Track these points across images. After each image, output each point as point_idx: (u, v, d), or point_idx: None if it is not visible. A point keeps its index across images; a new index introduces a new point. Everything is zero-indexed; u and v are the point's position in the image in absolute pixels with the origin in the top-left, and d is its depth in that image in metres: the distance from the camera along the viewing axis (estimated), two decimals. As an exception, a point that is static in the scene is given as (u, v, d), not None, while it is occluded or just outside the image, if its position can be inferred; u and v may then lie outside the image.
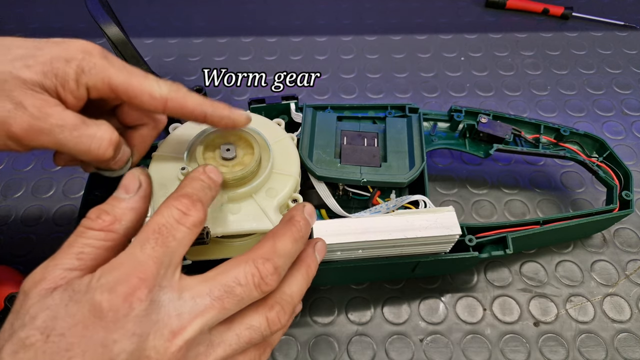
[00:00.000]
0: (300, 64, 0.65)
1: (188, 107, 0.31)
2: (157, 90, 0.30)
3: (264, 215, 0.34)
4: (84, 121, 0.29)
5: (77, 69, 0.29)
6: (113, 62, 0.30)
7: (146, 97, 0.30)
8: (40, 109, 0.28)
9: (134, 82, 0.30)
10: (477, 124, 0.47)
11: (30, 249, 0.47)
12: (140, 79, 0.30)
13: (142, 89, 0.30)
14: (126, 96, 0.30)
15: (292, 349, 0.41)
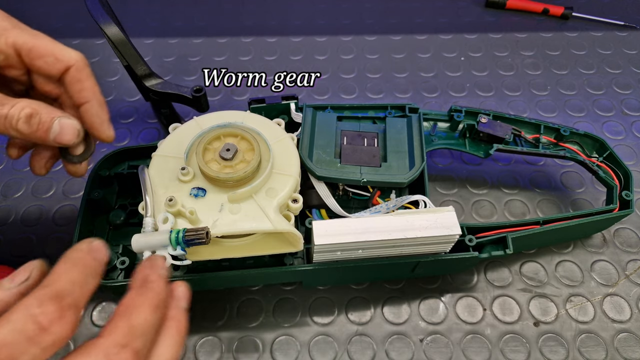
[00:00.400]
0: (300, 64, 0.65)
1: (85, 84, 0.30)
2: (64, 54, 0.29)
3: (264, 215, 0.34)
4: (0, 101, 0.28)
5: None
6: (17, 24, 0.29)
7: (50, 58, 0.29)
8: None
9: (40, 43, 0.29)
10: (477, 124, 0.47)
11: (30, 249, 0.47)
12: (47, 41, 0.29)
13: (47, 50, 0.29)
14: (29, 57, 0.29)
15: (292, 349, 0.41)
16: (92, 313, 0.43)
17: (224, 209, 0.34)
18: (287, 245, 0.37)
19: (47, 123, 0.30)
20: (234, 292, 0.44)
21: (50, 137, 0.30)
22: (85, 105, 0.32)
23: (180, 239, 0.31)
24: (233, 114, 0.41)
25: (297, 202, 0.37)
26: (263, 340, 0.42)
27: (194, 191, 0.35)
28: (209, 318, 0.43)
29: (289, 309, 0.43)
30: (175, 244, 0.31)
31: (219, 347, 0.41)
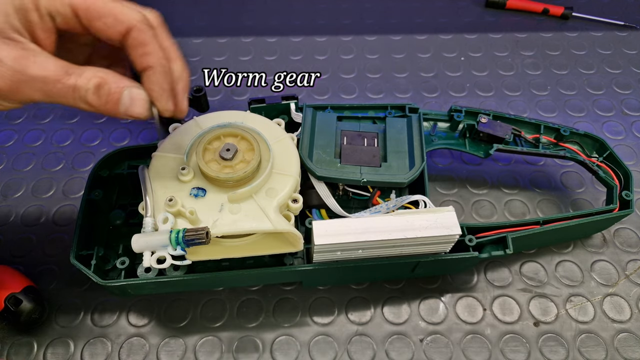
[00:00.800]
0: (300, 64, 0.65)
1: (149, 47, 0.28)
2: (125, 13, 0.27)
3: (264, 215, 0.34)
4: (67, 70, 0.27)
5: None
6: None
7: (109, 19, 0.27)
8: (19, 60, 0.25)
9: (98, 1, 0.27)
10: (477, 124, 0.47)
11: (30, 249, 0.47)
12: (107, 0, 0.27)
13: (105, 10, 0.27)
14: (86, 18, 0.27)
15: (292, 349, 0.41)
16: (92, 315, 0.43)
17: (224, 209, 0.34)
18: (287, 245, 0.37)
19: (117, 94, 0.28)
20: (234, 292, 0.44)
21: (120, 110, 0.28)
22: (146, 71, 0.29)
23: (180, 239, 0.31)
24: (233, 114, 0.41)
25: (297, 202, 0.37)
26: (263, 340, 0.42)
27: (194, 191, 0.35)
28: (209, 318, 0.43)
29: (289, 309, 0.43)
30: (175, 244, 0.31)
31: (219, 347, 0.41)
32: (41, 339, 0.42)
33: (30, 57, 0.26)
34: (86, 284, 0.44)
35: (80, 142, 0.56)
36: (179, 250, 0.31)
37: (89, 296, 0.44)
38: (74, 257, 0.38)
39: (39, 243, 0.47)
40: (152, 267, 0.32)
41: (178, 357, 0.41)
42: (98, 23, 0.27)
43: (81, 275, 0.38)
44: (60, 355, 0.41)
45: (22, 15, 0.26)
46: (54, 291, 0.44)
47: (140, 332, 0.42)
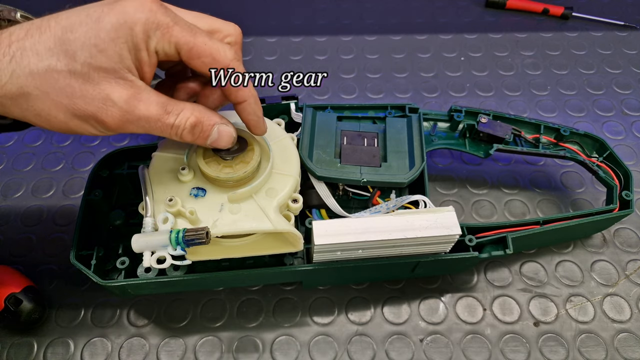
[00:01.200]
0: (300, 64, 0.65)
1: None
2: (221, 53, 0.29)
3: (264, 215, 0.34)
4: (166, 109, 0.29)
5: (143, 36, 0.27)
6: (176, 19, 0.28)
7: (208, 59, 0.29)
8: (128, 101, 0.28)
9: (199, 42, 0.29)
10: (477, 124, 0.47)
11: (30, 249, 0.47)
12: (205, 38, 0.29)
13: (205, 50, 0.29)
14: (187, 57, 0.29)
15: (292, 349, 0.41)
16: (92, 315, 0.43)
17: (224, 209, 0.34)
18: (287, 245, 0.37)
19: (208, 131, 0.31)
20: (234, 292, 0.44)
21: (207, 143, 0.32)
22: (242, 104, 0.32)
23: (180, 239, 0.31)
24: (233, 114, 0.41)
25: (297, 202, 0.37)
26: (263, 340, 0.42)
27: (194, 191, 0.35)
28: (209, 318, 0.43)
29: (289, 309, 0.43)
30: (175, 244, 0.31)
31: (219, 347, 0.41)
32: (41, 339, 0.42)
33: (138, 96, 0.28)
34: (86, 284, 0.44)
35: (80, 142, 0.56)
36: (179, 250, 0.31)
37: (89, 296, 0.44)
38: (74, 257, 0.38)
39: (39, 243, 0.47)
40: (152, 267, 0.32)
41: (178, 357, 0.41)
42: (197, 61, 0.29)
43: (81, 275, 0.38)
44: (60, 355, 0.41)
45: (134, 55, 0.28)
46: (54, 291, 0.44)
47: (140, 332, 0.42)
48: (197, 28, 0.29)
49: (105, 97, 0.27)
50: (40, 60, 0.26)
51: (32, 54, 0.26)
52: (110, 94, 0.27)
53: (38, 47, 0.26)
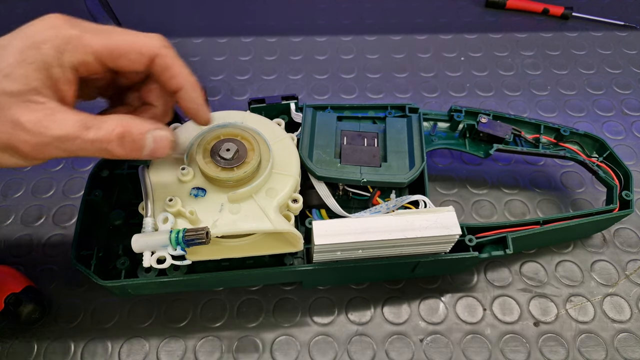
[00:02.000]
0: (300, 64, 0.65)
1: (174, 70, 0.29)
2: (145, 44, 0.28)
3: (264, 215, 0.34)
4: (86, 124, 0.27)
5: (54, 53, 0.26)
6: (85, 27, 0.27)
7: (133, 54, 0.28)
8: (38, 123, 0.26)
9: (116, 41, 0.27)
10: (477, 124, 0.47)
11: (30, 249, 0.47)
12: (123, 36, 0.28)
13: (127, 46, 0.27)
14: (111, 60, 0.28)
15: (292, 349, 0.41)
16: (92, 315, 0.43)
17: (224, 209, 0.34)
18: (287, 245, 0.37)
19: (140, 140, 0.28)
20: (234, 292, 0.44)
21: (143, 154, 0.29)
22: (179, 92, 0.30)
23: (180, 239, 0.31)
24: (233, 114, 0.41)
25: (297, 202, 0.37)
26: (263, 340, 0.42)
27: (194, 191, 0.35)
28: (209, 318, 0.43)
29: (289, 309, 0.43)
30: (175, 244, 0.31)
31: (219, 347, 0.41)
32: (41, 339, 0.42)
33: (50, 117, 0.26)
34: (86, 284, 0.44)
35: (80, 142, 0.56)
36: (179, 250, 0.31)
37: (89, 296, 0.44)
38: (74, 258, 0.38)
39: (39, 243, 0.47)
40: (152, 267, 0.32)
41: (178, 357, 0.41)
42: (123, 61, 0.28)
43: (81, 275, 0.38)
44: (60, 355, 0.41)
45: (43, 74, 0.26)
46: (54, 291, 0.44)
47: (140, 332, 0.42)
48: (111, 29, 0.28)
49: (15, 121, 0.26)
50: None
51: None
52: (19, 118, 0.26)
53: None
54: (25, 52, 0.26)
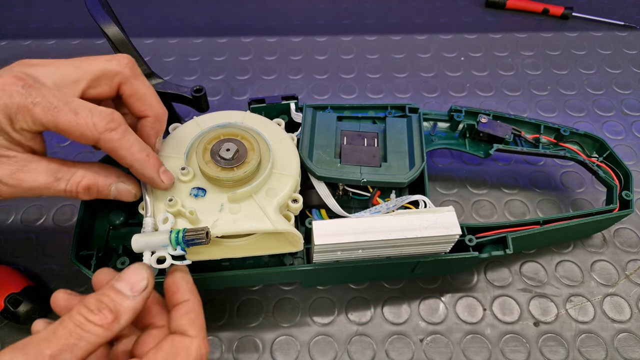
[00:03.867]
0: (300, 64, 0.65)
1: (119, 152, 0.31)
2: (89, 129, 0.29)
3: (264, 215, 0.34)
4: (56, 175, 0.30)
5: (6, 120, 0.28)
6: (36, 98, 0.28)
7: (77, 135, 0.29)
8: (13, 175, 0.29)
9: (62, 121, 0.28)
10: (477, 124, 0.47)
11: (30, 249, 0.47)
12: (69, 116, 0.28)
13: (70, 127, 0.29)
14: (58, 132, 0.29)
15: (292, 349, 0.41)
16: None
17: (224, 209, 0.34)
18: (287, 245, 0.37)
19: (105, 191, 0.33)
20: (234, 292, 0.44)
21: (111, 197, 0.33)
22: (130, 169, 0.32)
23: (181, 239, 0.31)
24: (233, 114, 0.41)
25: (297, 202, 0.37)
26: (263, 340, 0.42)
27: (194, 191, 0.35)
28: (209, 318, 0.42)
29: (289, 309, 0.43)
30: (175, 244, 0.31)
31: (219, 347, 0.41)
32: (41, 339, 0.41)
33: (23, 168, 0.29)
34: (86, 284, 0.44)
35: (80, 142, 0.56)
36: (179, 250, 0.31)
37: (89, 296, 0.44)
38: (74, 257, 0.37)
39: (39, 243, 0.47)
40: (152, 267, 0.32)
41: (178, 357, 0.41)
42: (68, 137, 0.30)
43: (81, 275, 0.38)
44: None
45: (3, 136, 0.29)
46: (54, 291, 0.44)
47: (140, 332, 0.42)
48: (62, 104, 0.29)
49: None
50: None
51: None
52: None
53: None
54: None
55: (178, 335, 0.28)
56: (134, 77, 0.33)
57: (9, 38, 0.67)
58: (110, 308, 0.26)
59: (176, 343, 0.27)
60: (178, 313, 0.29)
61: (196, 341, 0.28)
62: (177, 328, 0.28)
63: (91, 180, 0.31)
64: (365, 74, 0.64)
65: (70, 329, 0.24)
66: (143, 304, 0.27)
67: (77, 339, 0.24)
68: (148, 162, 0.32)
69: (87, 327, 0.25)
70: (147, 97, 0.34)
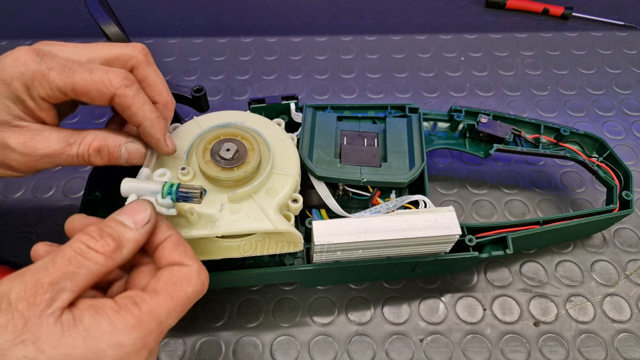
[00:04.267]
0: (300, 64, 0.65)
1: (132, 109, 0.31)
2: (105, 83, 0.29)
3: (264, 215, 0.34)
4: (68, 141, 0.31)
5: (22, 88, 0.29)
6: (50, 64, 0.29)
7: (93, 93, 0.29)
8: (26, 144, 0.30)
9: (78, 81, 0.29)
10: (477, 124, 0.47)
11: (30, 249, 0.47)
12: (84, 74, 0.29)
13: (87, 85, 0.29)
14: (74, 95, 0.30)
15: (292, 349, 0.41)
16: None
17: (224, 209, 0.34)
18: (287, 245, 0.37)
19: (116, 152, 0.32)
20: (234, 292, 0.44)
21: (121, 162, 0.33)
22: (139, 128, 0.32)
23: (174, 190, 0.30)
24: (233, 114, 0.41)
25: (297, 202, 0.37)
26: (263, 340, 0.42)
27: (194, 191, 0.35)
28: (209, 318, 0.43)
29: (289, 309, 0.43)
30: (167, 193, 0.30)
31: (219, 347, 0.41)
32: (41, 339, 0.41)
33: (36, 137, 0.30)
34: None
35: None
36: (167, 200, 0.30)
37: (89, 296, 0.44)
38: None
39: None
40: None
41: (178, 357, 0.41)
42: (86, 98, 0.30)
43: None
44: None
45: (19, 106, 0.29)
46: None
47: (140, 332, 0.42)
48: (76, 65, 0.29)
49: (4, 144, 0.30)
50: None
51: None
52: (7, 141, 0.29)
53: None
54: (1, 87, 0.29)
55: (175, 266, 0.27)
56: (147, 64, 0.34)
57: (9, 38, 0.67)
58: (113, 236, 0.26)
59: (175, 272, 0.27)
60: (166, 249, 0.28)
61: (195, 267, 0.28)
62: (170, 262, 0.28)
63: (101, 141, 0.32)
64: (365, 74, 0.64)
65: (70, 257, 0.24)
66: (145, 237, 0.27)
67: (77, 267, 0.24)
68: (158, 123, 0.32)
69: (89, 255, 0.24)
70: (157, 84, 0.34)
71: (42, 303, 0.22)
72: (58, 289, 0.23)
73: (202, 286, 0.27)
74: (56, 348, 0.22)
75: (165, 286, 0.26)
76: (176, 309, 0.26)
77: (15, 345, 0.21)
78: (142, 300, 0.25)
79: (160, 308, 0.25)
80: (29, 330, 0.21)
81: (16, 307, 0.22)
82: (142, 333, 0.24)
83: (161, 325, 0.25)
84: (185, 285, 0.27)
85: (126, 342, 0.23)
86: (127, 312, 0.24)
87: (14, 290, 0.22)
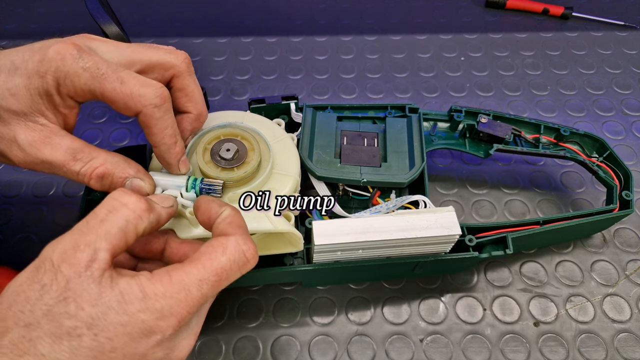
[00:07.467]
0: (300, 64, 0.65)
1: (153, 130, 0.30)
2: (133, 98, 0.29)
3: (264, 215, 0.34)
4: (75, 156, 0.30)
5: (53, 83, 0.28)
6: (87, 63, 0.28)
7: (120, 104, 0.29)
8: (33, 144, 0.29)
9: (107, 89, 0.29)
10: (477, 124, 0.47)
11: (30, 249, 0.47)
12: (115, 84, 0.29)
13: (115, 96, 0.29)
14: (103, 100, 0.29)
15: (292, 349, 0.41)
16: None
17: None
18: (287, 245, 0.37)
19: (119, 184, 0.31)
20: (234, 292, 0.44)
21: None
22: (154, 147, 0.32)
23: (198, 184, 0.32)
24: (233, 114, 0.41)
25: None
26: (263, 340, 0.42)
27: (194, 191, 0.35)
28: (209, 318, 0.43)
29: (289, 309, 0.43)
30: (191, 187, 0.32)
31: (219, 347, 0.41)
32: (41, 339, 0.41)
33: (46, 139, 0.29)
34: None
35: (80, 142, 0.56)
36: (191, 193, 0.32)
37: (89, 296, 0.44)
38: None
39: (39, 243, 0.47)
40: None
41: (178, 357, 0.41)
42: (111, 105, 0.30)
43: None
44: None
45: (45, 99, 0.29)
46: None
47: (140, 332, 0.42)
48: (110, 72, 0.29)
49: (13, 137, 0.29)
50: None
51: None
52: (17, 135, 0.29)
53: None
54: (32, 77, 0.28)
55: (220, 236, 0.28)
56: (188, 74, 0.34)
57: (9, 38, 0.67)
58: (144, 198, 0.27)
59: (214, 242, 0.27)
60: (217, 223, 0.29)
61: (234, 238, 0.27)
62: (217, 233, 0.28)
63: (109, 169, 0.30)
64: (365, 74, 0.64)
65: (102, 217, 0.25)
66: (168, 218, 0.29)
67: (109, 226, 0.25)
68: (173, 149, 0.32)
69: (121, 211, 0.26)
70: (195, 94, 0.34)
71: (81, 263, 0.24)
72: (94, 249, 0.24)
73: (240, 256, 0.27)
74: (95, 307, 0.23)
75: (200, 255, 0.27)
76: (209, 279, 0.26)
77: (59, 302, 0.23)
78: (175, 269, 0.26)
79: (190, 276, 0.25)
80: (70, 289, 0.23)
81: (59, 268, 0.23)
82: (170, 302, 0.25)
83: (190, 295, 0.25)
84: (219, 254, 0.26)
85: (153, 308, 0.24)
86: (157, 281, 0.25)
87: (56, 251, 0.24)
